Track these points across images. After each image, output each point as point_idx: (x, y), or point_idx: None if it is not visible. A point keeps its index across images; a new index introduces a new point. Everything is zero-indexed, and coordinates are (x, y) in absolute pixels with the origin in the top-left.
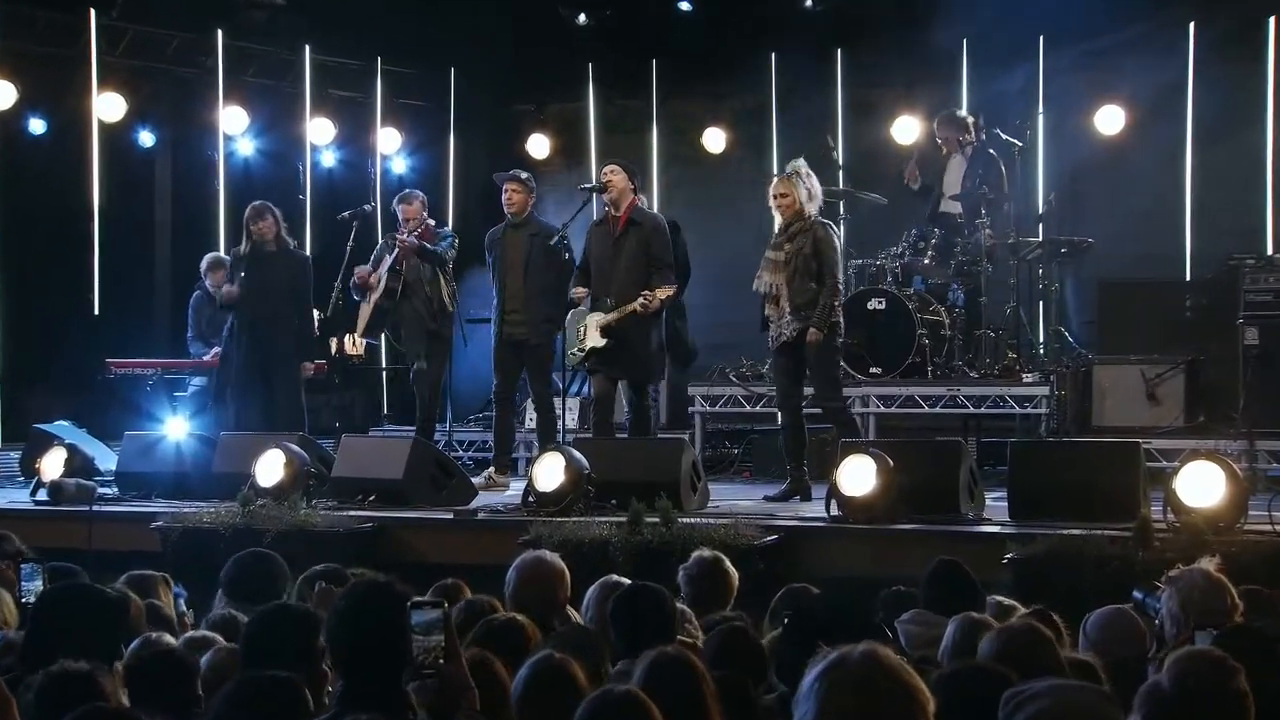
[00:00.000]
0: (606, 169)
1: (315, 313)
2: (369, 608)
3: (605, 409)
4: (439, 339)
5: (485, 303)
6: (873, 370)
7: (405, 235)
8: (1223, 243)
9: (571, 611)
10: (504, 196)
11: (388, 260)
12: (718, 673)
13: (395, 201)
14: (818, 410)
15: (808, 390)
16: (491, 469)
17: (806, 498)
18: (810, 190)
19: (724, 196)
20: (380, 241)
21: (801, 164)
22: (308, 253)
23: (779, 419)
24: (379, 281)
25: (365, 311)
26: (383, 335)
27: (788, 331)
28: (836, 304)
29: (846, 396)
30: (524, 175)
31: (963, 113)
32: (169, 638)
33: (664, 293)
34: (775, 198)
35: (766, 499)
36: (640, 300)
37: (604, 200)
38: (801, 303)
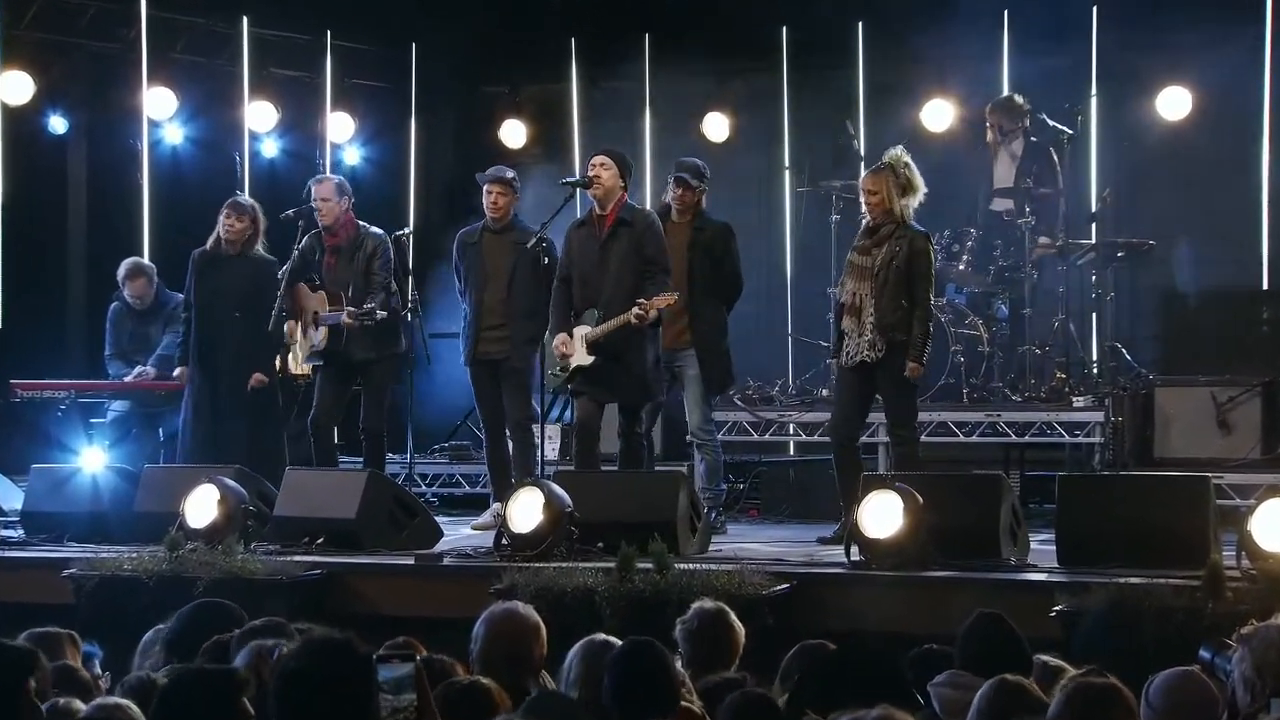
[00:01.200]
0: (596, 160)
1: None
2: (329, 667)
3: (590, 437)
4: (386, 343)
5: (450, 317)
6: None
7: (351, 317)
8: None
9: (547, 676)
10: (487, 199)
11: (326, 313)
12: None
13: (307, 189)
14: (880, 440)
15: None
16: (497, 505)
17: None
18: (906, 186)
19: (728, 193)
20: (309, 236)
21: (899, 153)
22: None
23: (834, 447)
24: (319, 336)
25: (304, 345)
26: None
27: (869, 352)
28: (931, 329)
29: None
30: (510, 175)
31: (1020, 99)
32: (79, 704)
33: (663, 301)
34: (864, 193)
35: (821, 541)
36: (635, 310)
37: (590, 197)
38: (889, 322)
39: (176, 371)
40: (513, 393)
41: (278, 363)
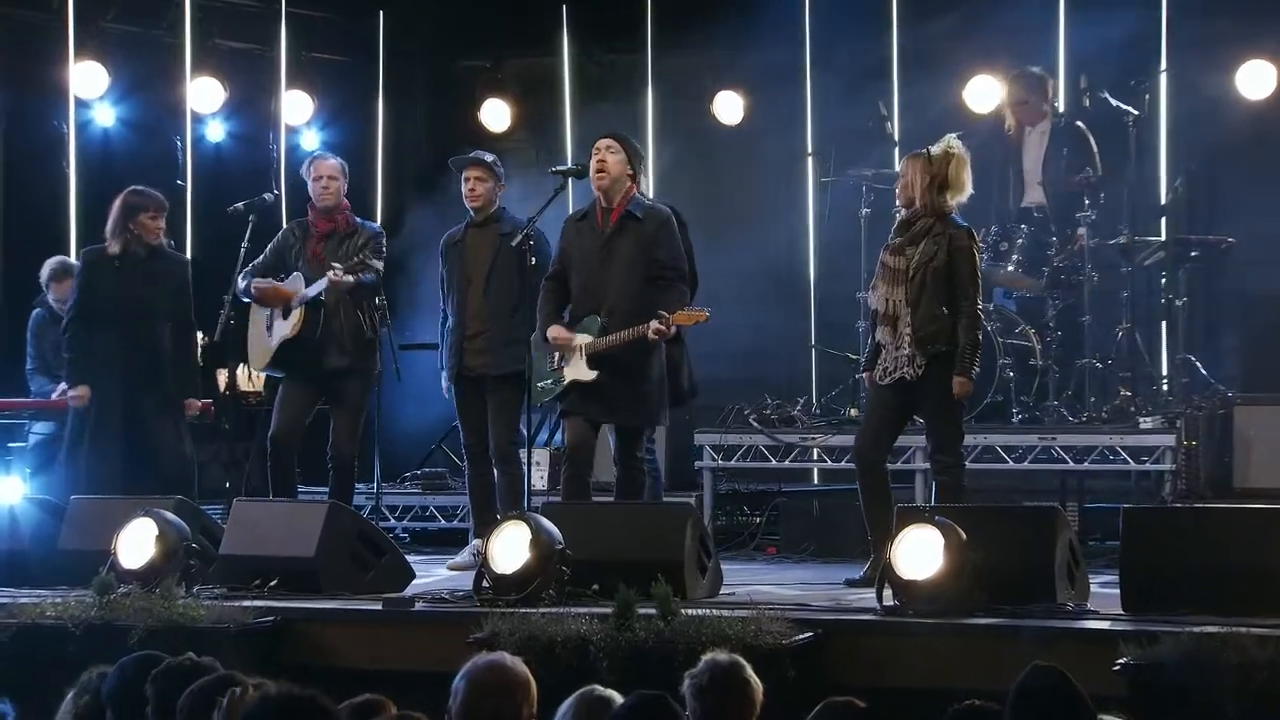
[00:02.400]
0: (602, 144)
1: (198, 336)
2: None
3: (584, 463)
4: (359, 372)
5: (423, 326)
6: None
7: (339, 272)
8: None
9: None
10: (464, 187)
11: (306, 287)
12: None
13: (306, 163)
14: (918, 466)
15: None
16: (477, 542)
17: None
18: (946, 181)
19: (742, 182)
20: (280, 235)
21: (953, 142)
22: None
23: (859, 471)
24: (294, 315)
25: (265, 343)
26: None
27: (908, 368)
28: (980, 339)
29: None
30: (489, 158)
31: (1038, 70)
32: None
33: (689, 318)
34: (900, 177)
35: (850, 583)
36: (655, 323)
37: (593, 188)
38: (930, 332)
39: (75, 392)
40: (498, 411)
41: (223, 378)
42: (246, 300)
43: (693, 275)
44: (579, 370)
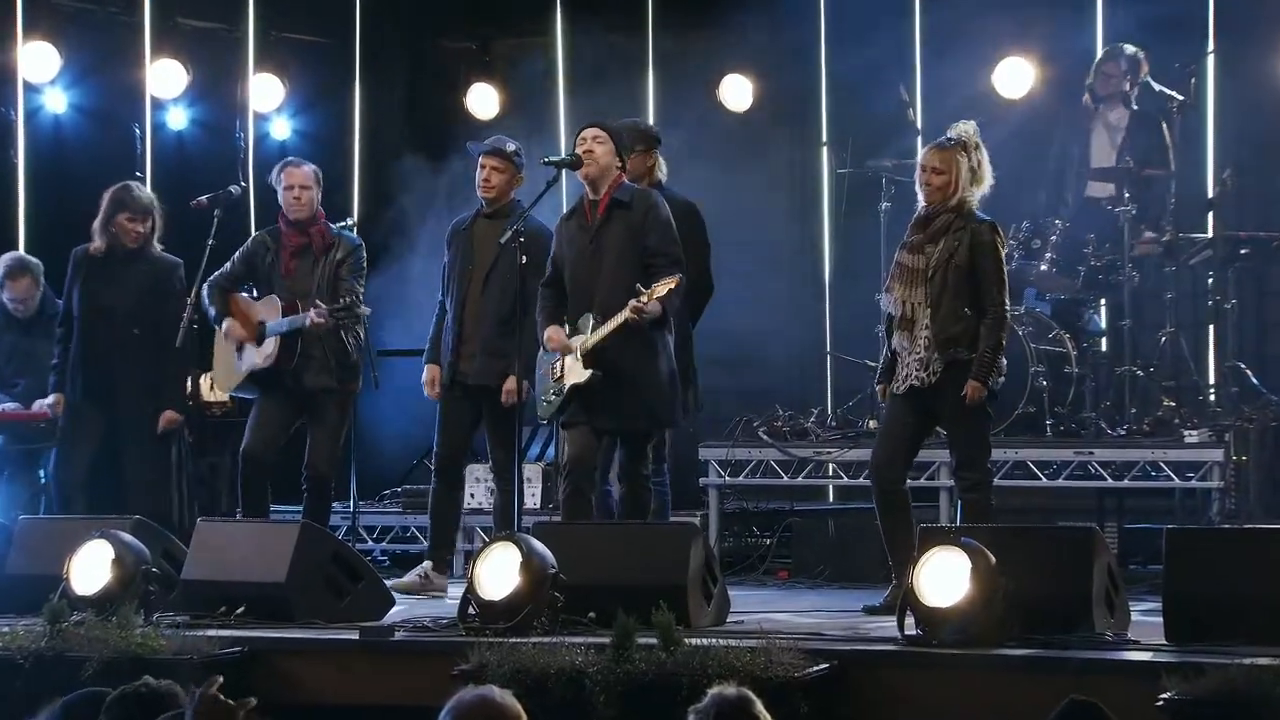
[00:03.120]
0: (587, 133)
1: None
2: None
3: (585, 478)
4: (341, 393)
5: (403, 329)
6: None
7: (321, 315)
8: None
9: None
10: (479, 174)
11: (277, 315)
12: None
13: (276, 170)
14: (942, 483)
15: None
16: (426, 564)
17: None
18: (976, 169)
19: (749, 174)
20: (250, 241)
21: (971, 130)
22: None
23: (876, 491)
24: (268, 345)
25: (233, 369)
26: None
27: (921, 373)
28: (1004, 342)
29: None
30: (512, 147)
31: (1133, 48)
32: None
33: (663, 286)
34: (924, 171)
35: (869, 610)
36: (632, 303)
37: (580, 179)
38: (950, 334)
39: (49, 400)
40: (496, 427)
41: (185, 388)
42: (211, 313)
43: (707, 277)
44: (575, 373)
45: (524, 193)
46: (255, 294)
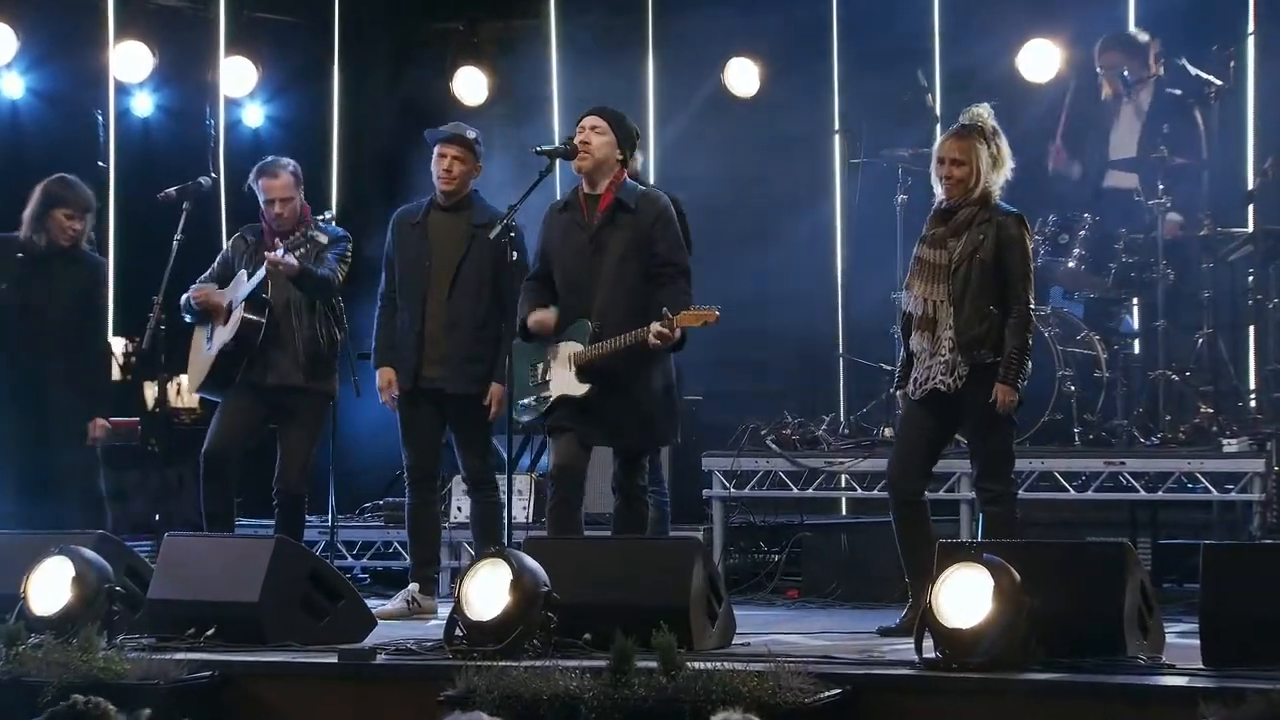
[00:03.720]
0: (585, 121)
1: (122, 343)
2: None
3: (573, 488)
4: (314, 392)
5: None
6: None
7: (280, 252)
8: None
9: None
10: (438, 164)
11: (246, 283)
12: None
13: (253, 175)
14: (963, 496)
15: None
16: (413, 587)
17: None
18: (996, 155)
19: (755, 165)
20: (229, 243)
21: (985, 114)
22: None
23: (894, 504)
24: (230, 316)
25: (203, 359)
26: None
27: (947, 377)
28: (1030, 343)
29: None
30: (472, 134)
31: (1142, 33)
32: None
33: (697, 318)
34: (943, 163)
35: (884, 631)
36: (657, 326)
37: (574, 171)
38: (974, 335)
39: None
40: (465, 434)
41: (152, 392)
42: (190, 319)
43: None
44: (567, 384)
45: (508, 182)
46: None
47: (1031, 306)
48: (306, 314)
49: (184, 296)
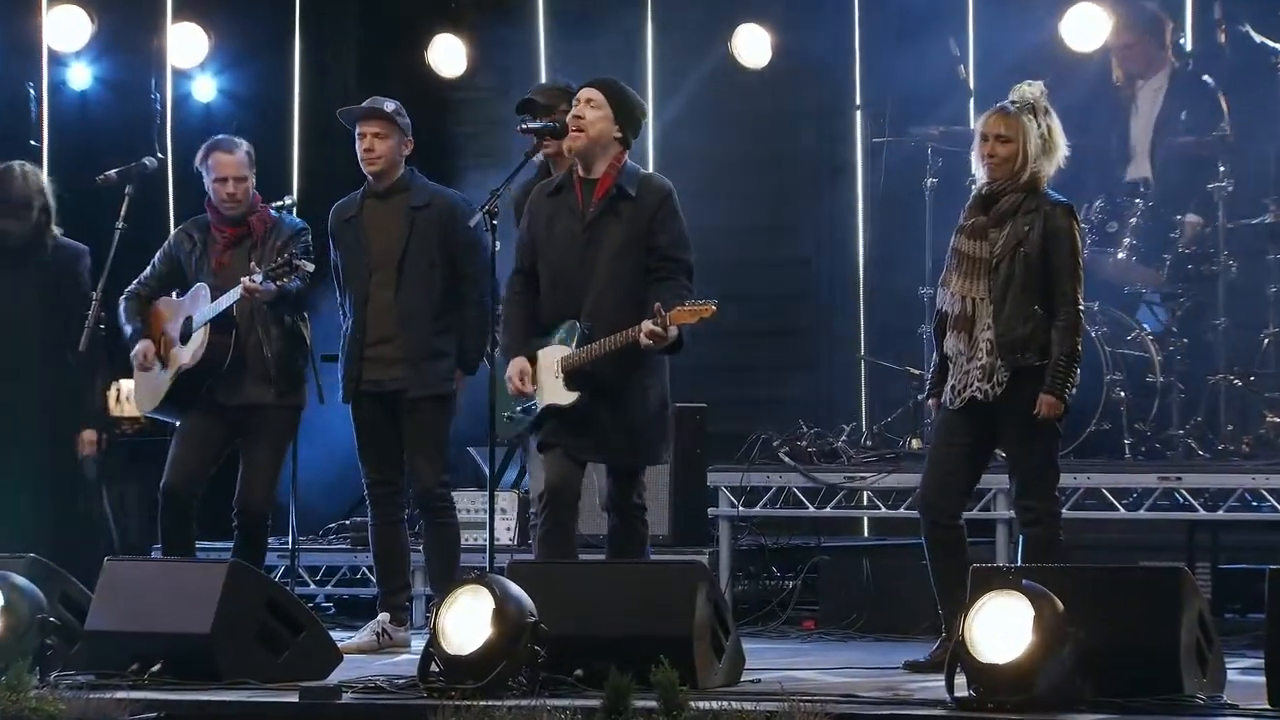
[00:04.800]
0: (582, 94)
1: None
2: None
3: (567, 509)
4: (284, 408)
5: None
6: None
7: (258, 278)
8: None
9: None
10: (359, 146)
11: (209, 302)
12: None
13: (202, 153)
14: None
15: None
16: (382, 617)
17: None
18: (1047, 137)
19: (767, 144)
20: (173, 238)
21: (1038, 92)
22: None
23: (926, 526)
24: (195, 339)
25: (154, 378)
26: None
27: (984, 384)
28: (1080, 347)
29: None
30: (389, 106)
31: (1152, 4)
32: None
33: (692, 314)
34: (986, 140)
35: (911, 666)
36: (649, 324)
37: (565, 151)
38: (1018, 337)
39: None
40: (417, 440)
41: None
42: (129, 332)
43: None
44: (555, 392)
45: (495, 166)
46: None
47: (1081, 307)
48: (275, 326)
49: (123, 303)
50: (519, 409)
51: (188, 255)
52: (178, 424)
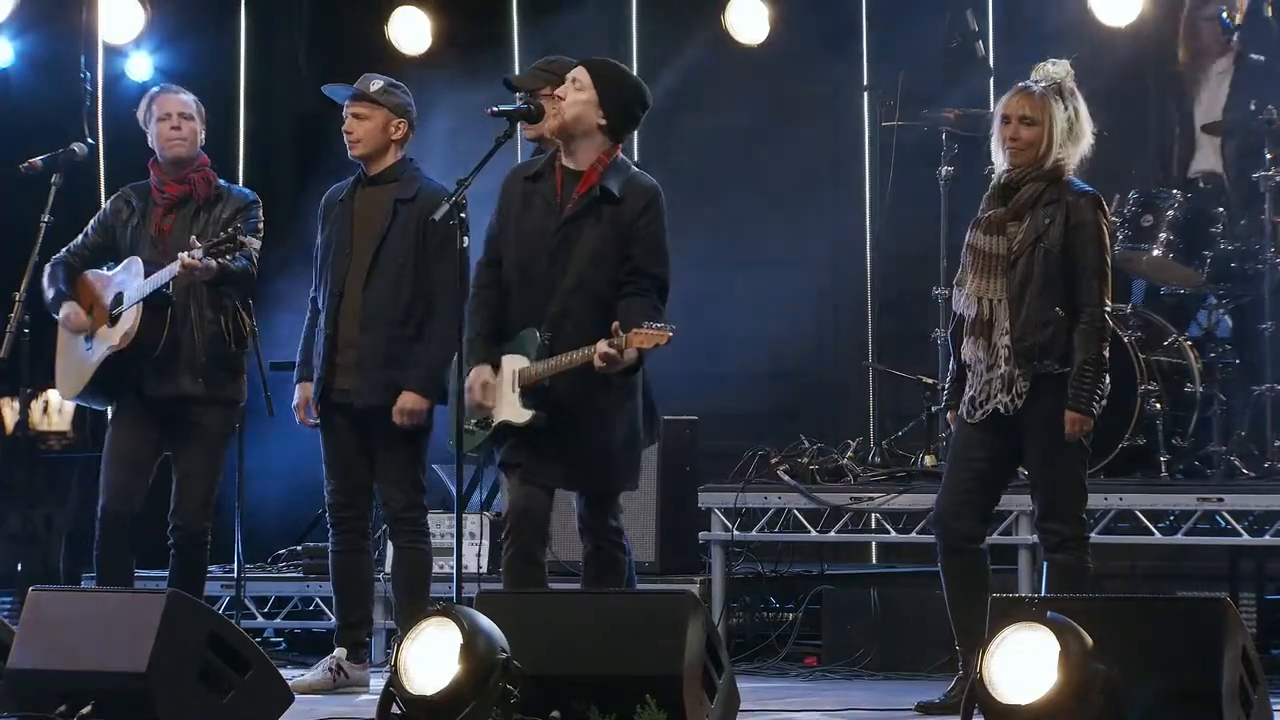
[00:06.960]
0: (568, 73)
1: None
2: None
3: (534, 534)
4: (218, 404)
5: (300, 335)
6: None
7: (198, 253)
8: None
9: None
10: (346, 126)
11: (143, 280)
12: None
13: (146, 101)
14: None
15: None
16: (339, 653)
17: None
18: (1074, 121)
19: (764, 128)
20: (109, 204)
21: (1064, 71)
22: None
23: (942, 551)
24: (126, 319)
25: (79, 360)
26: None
27: (1004, 395)
28: (1106, 353)
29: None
30: (375, 85)
31: None
32: None
33: (648, 339)
34: (1009, 122)
35: (924, 708)
36: (603, 347)
37: (547, 134)
38: (1037, 343)
39: None
40: (388, 458)
41: (11, 414)
42: (51, 296)
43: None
44: (510, 407)
45: (463, 155)
46: (111, 266)
47: (1108, 309)
48: (210, 307)
49: (50, 291)
50: (474, 421)
51: (124, 224)
52: (107, 433)
